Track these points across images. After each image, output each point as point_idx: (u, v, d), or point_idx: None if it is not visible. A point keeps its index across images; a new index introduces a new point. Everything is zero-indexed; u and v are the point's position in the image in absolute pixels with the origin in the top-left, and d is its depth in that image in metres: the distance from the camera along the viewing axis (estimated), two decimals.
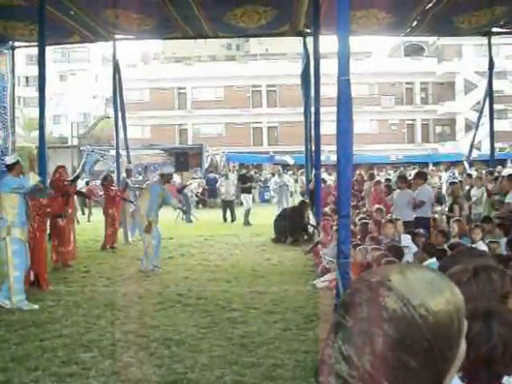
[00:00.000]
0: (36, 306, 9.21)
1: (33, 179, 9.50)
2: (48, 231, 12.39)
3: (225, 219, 23.62)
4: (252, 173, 26.28)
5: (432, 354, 1.14)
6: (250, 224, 21.49)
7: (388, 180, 19.57)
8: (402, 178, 13.96)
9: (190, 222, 23.23)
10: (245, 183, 23.55)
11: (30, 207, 9.91)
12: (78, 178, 15.56)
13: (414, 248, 9.25)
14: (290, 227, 16.81)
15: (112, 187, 16.66)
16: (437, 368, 1.16)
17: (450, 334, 1.17)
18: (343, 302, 1.21)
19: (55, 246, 12.94)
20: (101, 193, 20.42)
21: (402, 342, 1.12)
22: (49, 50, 18.48)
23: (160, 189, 12.88)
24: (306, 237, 16.61)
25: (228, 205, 24.13)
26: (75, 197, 23.87)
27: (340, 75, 6.70)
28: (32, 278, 10.43)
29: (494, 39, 19.90)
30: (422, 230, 10.96)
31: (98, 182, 23.14)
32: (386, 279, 1.18)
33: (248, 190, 23.27)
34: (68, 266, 12.92)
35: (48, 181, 13.10)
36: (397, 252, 8.45)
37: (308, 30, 16.72)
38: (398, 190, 13.08)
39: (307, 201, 17.29)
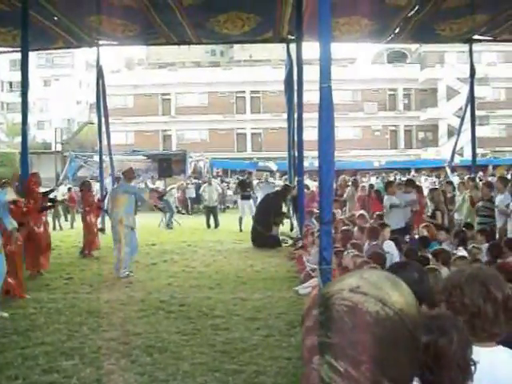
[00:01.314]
0: (6, 314, 9.11)
1: (9, 195, 9.44)
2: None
3: (208, 225, 23.54)
4: (251, 179, 25.78)
5: (414, 343, 1.20)
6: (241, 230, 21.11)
7: (372, 186, 19.60)
8: (391, 183, 14.03)
9: (171, 228, 23.12)
10: (245, 190, 23.17)
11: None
12: (52, 191, 15.42)
13: (396, 255, 9.27)
14: (273, 211, 17.14)
15: (89, 194, 16.56)
16: (418, 354, 1.23)
17: (419, 320, 1.23)
18: (318, 321, 1.21)
19: (30, 253, 12.77)
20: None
21: (392, 340, 1.16)
22: (33, 55, 18.42)
23: (128, 186, 12.88)
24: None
25: (211, 211, 24.08)
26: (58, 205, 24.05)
27: (321, 82, 6.72)
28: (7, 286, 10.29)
29: (476, 46, 20.07)
30: (406, 237, 11.01)
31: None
32: (354, 287, 1.20)
33: (248, 197, 22.84)
34: (40, 273, 12.73)
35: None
36: (379, 258, 8.47)
37: (291, 37, 16.78)
38: (388, 196, 13.13)
39: (290, 184, 17.72)
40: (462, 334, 2.17)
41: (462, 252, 8.67)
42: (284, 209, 18.22)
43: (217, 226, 23.44)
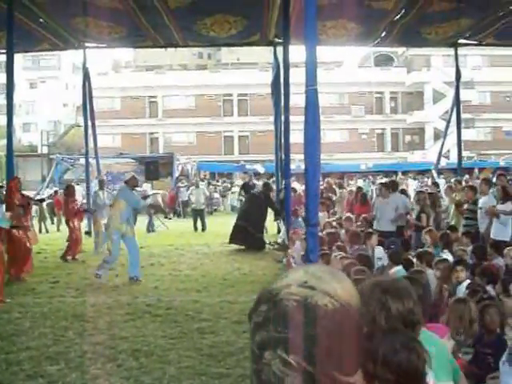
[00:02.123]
0: None
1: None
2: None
3: (195, 228, 23.50)
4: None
5: (360, 333, 1.25)
6: None
7: (360, 189, 19.65)
8: (385, 185, 14.02)
9: (153, 231, 23.04)
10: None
11: None
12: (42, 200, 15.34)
13: (386, 259, 9.28)
14: (266, 212, 17.96)
15: (72, 199, 16.47)
16: (362, 344, 1.28)
17: (361, 311, 1.27)
18: (266, 317, 1.22)
19: (10, 258, 12.68)
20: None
21: (341, 332, 1.19)
22: (18, 56, 18.31)
23: (129, 194, 12.78)
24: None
25: (198, 214, 24.03)
26: (44, 206, 23.98)
27: (307, 85, 6.73)
28: None
29: (461, 50, 20.19)
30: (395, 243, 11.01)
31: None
32: (302, 282, 1.24)
33: None
34: (21, 279, 12.63)
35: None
36: (366, 261, 8.48)
37: (278, 40, 16.80)
38: (380, 198, 13.14)
39: (269, 182, 18.89)
40: (422, 347, 2.18)
41: (446, 254, 8.69)
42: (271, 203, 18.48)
43: (204, 229, 23.41)
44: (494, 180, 15.34)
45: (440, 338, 3.24)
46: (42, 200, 16.22)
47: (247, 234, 17.32)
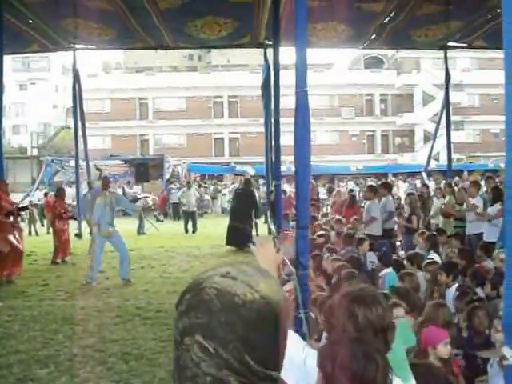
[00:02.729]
0: None
1: None
2: None
3: (186, 230, 23.48)
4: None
5: (280, 328, 1.29)
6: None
7: (351, 191, 19.71)
8: (371, 188, 14.07)
9: (144, 233, 22.99)
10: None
11: None
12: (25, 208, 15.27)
13: (377, 262, 9.30)
14: (252, 206, 18.91)
15: (61, 202, 16.43)
16: (284, 342, 1.32)
17: (285, 310, 1.33)
18: (189, 304, 1.29)
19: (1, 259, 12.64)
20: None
21: (258, 323, 1.25)
22: (8, 58, 18.23)
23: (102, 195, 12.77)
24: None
25: (190, 216, 24.02)
26: (34, 209, 23.88)
27: (297, 87, 6.72)
28: None
29: (451, 53, 20.25)
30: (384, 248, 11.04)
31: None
32: (225, 272, 1.31)
33: None
34: (11, 281, 12.59)
35: None
36: (357, 263, 8.49)
37: (268, 42, 16.78)
38: (368, 202, 13.19)
39: (249, 177, 20.23)
40: (385, 359, 2.18)
41: (433, 256, 8.73)
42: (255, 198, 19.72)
43: (194, 231, 23.39)
44: (483, 183, 15.44)
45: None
46: (26, 207, 16.11)
47: (239, 233, 17.78)
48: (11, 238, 12.86)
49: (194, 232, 23.32)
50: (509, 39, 2.71)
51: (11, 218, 13.17)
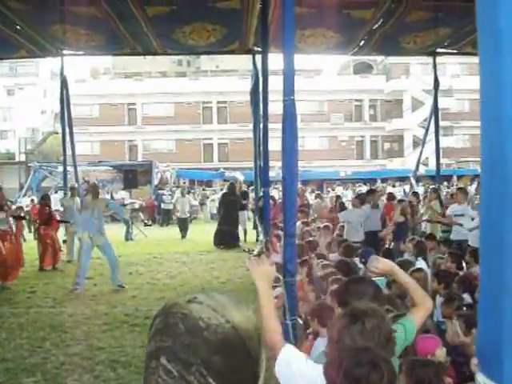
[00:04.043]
0: None
1: None
2: None
3: (183, 236, 23.46)
4: (245, 189, 25.31)
5: (249, 355, 1.29)
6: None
7: (338, 197, 19.73)
8: (359, 196, 14.19)
9: (132, 240, 22.92)
10: (243, 199, 22.70)
11: None
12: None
13: (363, 269, 9.28)
14: (237, 207, 20.47)
15: (47, 207, 16.41)
16: (254, 369, 1.31)
17: (257, 340, 1.33)
18: (156, 329, 1.31)
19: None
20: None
21: (223, 347, 1.25)
22: None
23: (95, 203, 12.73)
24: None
25: (182, 222, 24.03)
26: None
27: (284, 95, 6.74)
28: None
29: (440, 58, 20.32)
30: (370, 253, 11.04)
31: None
32: (192, 298, 1.33)
33: (243, 207, 22.27)
34: (8, 287, 12.55)
35: None
36: (346, 268, 8.45)
37: (257, 48, 16.81)
38: (352, 208, 13.25)
39: (233, 182, 22.14)
40: (390, 366, 2.18)
41: (420, 262, 8.73)
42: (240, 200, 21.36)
43: (183, 236, 23.37)
44: (474, 189, 15.53)
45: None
46: (23, 217, 16.16)
47: (226, 234, 19.82)
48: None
49: (182, 237, 23.30)
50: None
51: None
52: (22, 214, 17.14)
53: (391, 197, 16.93)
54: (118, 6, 13.63)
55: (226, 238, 19.99)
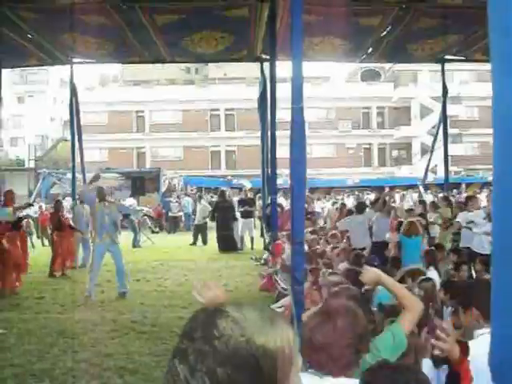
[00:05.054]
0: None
1: None
2: None
3: (194, 243, 23.39)
4: (252, 196, 25.10)
5: (261, 373, 1.27)
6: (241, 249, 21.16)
7: (343, 205, 19.69)
8: (361, 204, 14.18)
9: (139, 246, 22.93)
10: (249, 206, 22.51)
11: None
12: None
13: None
14: (231, 213, 21.23)
15: (58, 215, 16.49)
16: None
17: (278, 358, 1.30)
18: (183, 330, 1.35)
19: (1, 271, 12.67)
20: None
21: (233, 359, 1.25)
22: (6, 71, 18.26)
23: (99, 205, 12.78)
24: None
25: (200, 229, 23.93)
26: (31, 221, 23.86)
27: (293, 103, 6.76)
28: None
29: (448, 65, 20.32)
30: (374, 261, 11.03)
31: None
32: (221, 307, 1.35)
33: (249, 215, 22.13)
34: (15, 293, 12.59)
35: None
36: (354, 277, 8.42)
37: (265, 56, 16.86)
38: (355, 216, 13.25)
39: (223, 189, 23.12)
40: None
41: (431, 271, 8.70)
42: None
43: (205, 243, 23.27)
44: (484, 196, 15.48)
45: None
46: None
47: (228, 239, 20.75)
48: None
49: (204, 244, 23.21)
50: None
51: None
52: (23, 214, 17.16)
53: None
54: (128, 15, 13.74)
55: (229, 243, 20.82)
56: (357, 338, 2.64)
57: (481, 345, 3.35)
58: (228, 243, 20.85)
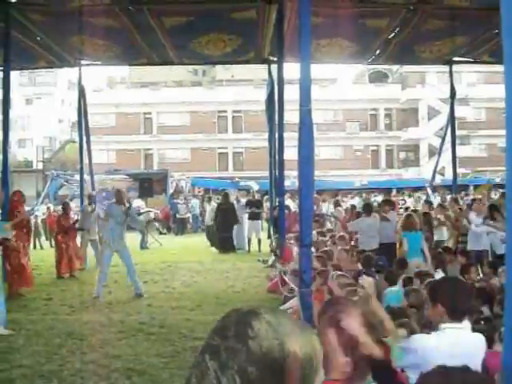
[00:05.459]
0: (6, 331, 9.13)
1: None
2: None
3: (212, 245, 23.38)
4: (259, 198, 24.86)
5: (289, 377, 1.30)
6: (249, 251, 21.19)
7: (354, 207, 19.66)
8: (369, 206, 14.15)
9: (147, 248, 22.96)
10: (256, 208, 22.37)
11: None
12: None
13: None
14: (231, 216, 21.31)
15: (66, 217, 16.55)
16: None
17: (306, 366, 1.33)
18: (214, 327, 1.37)
19: (8, 272, 12.69)
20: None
21: (264, 360, 1.27)
22: (15, 73, 18.34)
23: (119, 209, 12.81)
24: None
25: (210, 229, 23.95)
26: (39, 222, 23.93)
27: (301, 104, 6.76)
28: None
29: (456, 67, 20.27)
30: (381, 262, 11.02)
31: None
32: (256, 309, 1.37)
33: (256, 217, 21.97)
34: (20, 294, 12.62)
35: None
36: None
37: (273, 58, 16.85)
38: (365, 218, 13.23)
39: (227, 191, 23.54)
40: None
41: (438, 274, 8.68)
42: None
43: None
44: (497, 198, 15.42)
45: None
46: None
47: (227, 240, 21.18)
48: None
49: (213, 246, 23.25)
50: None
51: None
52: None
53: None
54: (136, 17, 13.78)
55: (228, 244, 21.28)
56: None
57: (445, 337, 3.73)
58: (227, 245, 21.22)
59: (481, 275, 9.31)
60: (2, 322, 9.38)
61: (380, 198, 27.58)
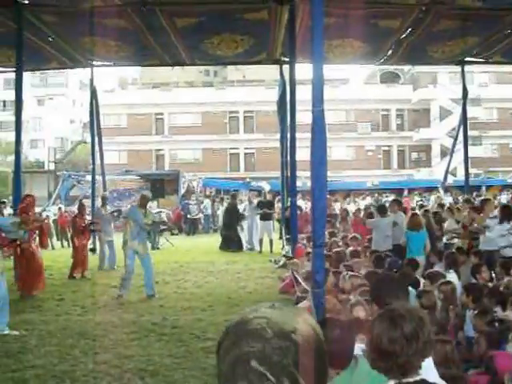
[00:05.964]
0: (16, 332, 9.15)
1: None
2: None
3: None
4: (270, 199, 24.67)
5: (325, 357, 1.37)
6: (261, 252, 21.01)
7: (368, 207, 19.60)
8: (383, 207, 14.11)
9: (158, 249, 22.98)
10: (268, 208, 21.98)
11: None
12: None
13: None
14: (236, 216, 22.20)
15: (82, 218, 16.58)
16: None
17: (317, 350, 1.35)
18: (236, 336, 1.35)
19: (21, 273, 12.75)
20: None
21: (309, 348, 1.31)
22: (27, 74, 18.42)
23: (139, 212, 12.85)
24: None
25: None
26: (51, 223, 24.02)
27: (314, 105, 6.75)
28: None
29: (468, 67, 20.23)
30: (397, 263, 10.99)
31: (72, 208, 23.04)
32: (271, 304, 1.41)
33: (268, 217, 21.66)
34: (31, 295, 12.64)
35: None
36: (373, 277, 8.40)
37: (284, 59, 16.87)
38: (380, 218, 13.19)
39: (235, 193, 24.49)
40: None
41: (451, 275, 8.64)
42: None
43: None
44: (504, 198, 15.35)
45: None
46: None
47: (232, 240, 21.62)
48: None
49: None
50: None
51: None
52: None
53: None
54: (148, 18, 13.82)
55: (232, 243, 21.69)
56: (422, 345, 2.61)
57: None
58: (228, 243, 21.72)
59: (493, 275, 9.24)
60: None
61: (391, 199, 27.47)
